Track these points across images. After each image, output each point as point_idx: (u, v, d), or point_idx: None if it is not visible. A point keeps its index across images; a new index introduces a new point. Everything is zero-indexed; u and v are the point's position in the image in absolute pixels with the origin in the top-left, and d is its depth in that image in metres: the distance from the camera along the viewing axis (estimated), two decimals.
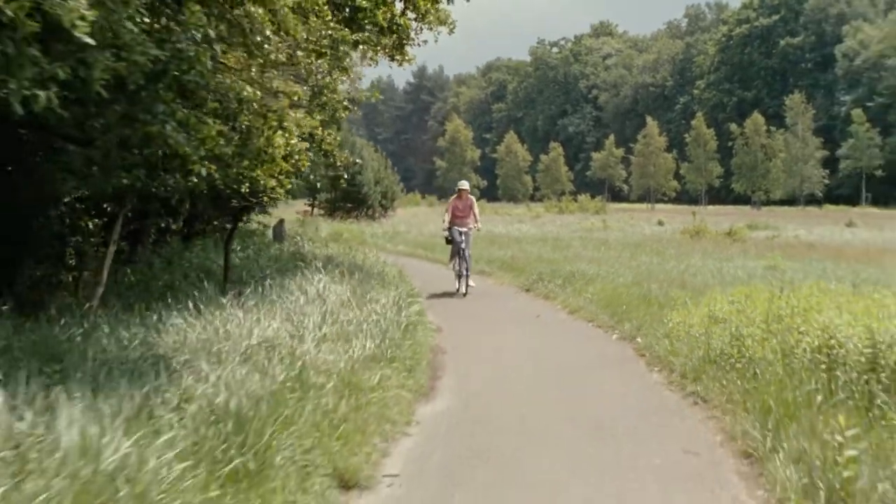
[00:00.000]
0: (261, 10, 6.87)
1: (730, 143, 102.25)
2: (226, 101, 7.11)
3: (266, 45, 7.08)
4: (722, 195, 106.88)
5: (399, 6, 14.48)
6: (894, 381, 5.94)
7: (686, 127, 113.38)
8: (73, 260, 11.20)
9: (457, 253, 16.35)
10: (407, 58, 15.42)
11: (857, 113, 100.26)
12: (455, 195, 17.10)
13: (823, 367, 6.50)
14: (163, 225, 15.02)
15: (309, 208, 48.48)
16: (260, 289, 10.63)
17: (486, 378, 9.06)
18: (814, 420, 5.70)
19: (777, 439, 5.82)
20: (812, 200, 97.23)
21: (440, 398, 8.06)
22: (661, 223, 49.82)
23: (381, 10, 13.08)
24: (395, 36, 14.39)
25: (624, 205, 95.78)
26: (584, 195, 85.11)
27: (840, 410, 5.65)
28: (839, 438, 5.09)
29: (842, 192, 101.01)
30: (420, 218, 49.39)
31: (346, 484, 5.50)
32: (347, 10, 12.72)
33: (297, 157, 9.54)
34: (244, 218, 15.20)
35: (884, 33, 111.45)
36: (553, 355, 10.42)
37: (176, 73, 6.06)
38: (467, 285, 16.28)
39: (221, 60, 6.91)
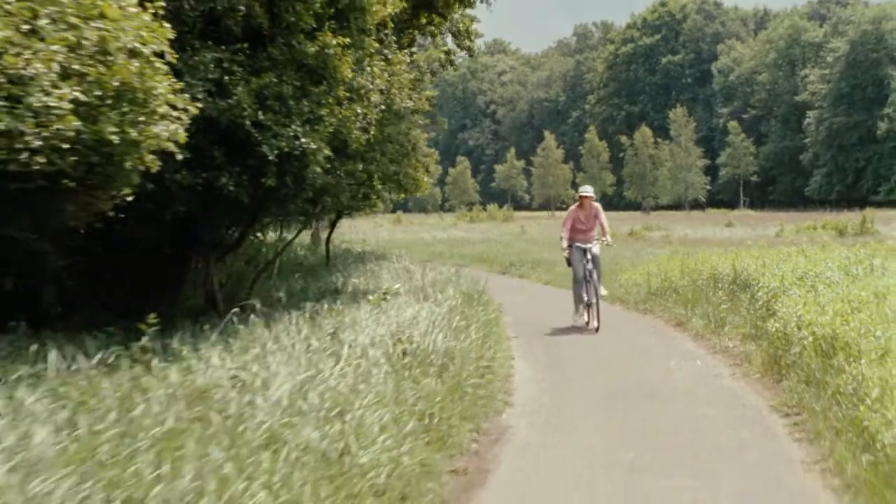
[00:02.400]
0: None
1: (621, 154, 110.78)
2: None
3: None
4: (615, 202, 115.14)
5: None
6: (739, 283, 12.80)
7: (580, 139, 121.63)
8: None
9: (582, 279, 13.27)
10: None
11: (733, 125, 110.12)
12: (576, 204, 13.90)
13: (711, 282, 13.44)
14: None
15: None
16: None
17: (518, 308, 15.58)
18: (707, 301, 12.58)
19: (692, 313, 12.65)
20: (696, 205, 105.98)
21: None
22: None
23: None
24: None
25: (527, 213, 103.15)
26: (491, 205, 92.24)
27: (719, 296, 12.52)
28: (721, 305, 11.93)
29: (722, 197, 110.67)
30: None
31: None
32: None
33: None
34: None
35: (754, 52, 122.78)
36: (543, 303, 17.03)
37: None
38: (598, 317, 13.15)
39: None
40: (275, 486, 4.37)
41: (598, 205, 13.83)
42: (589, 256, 13.30)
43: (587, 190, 14.19)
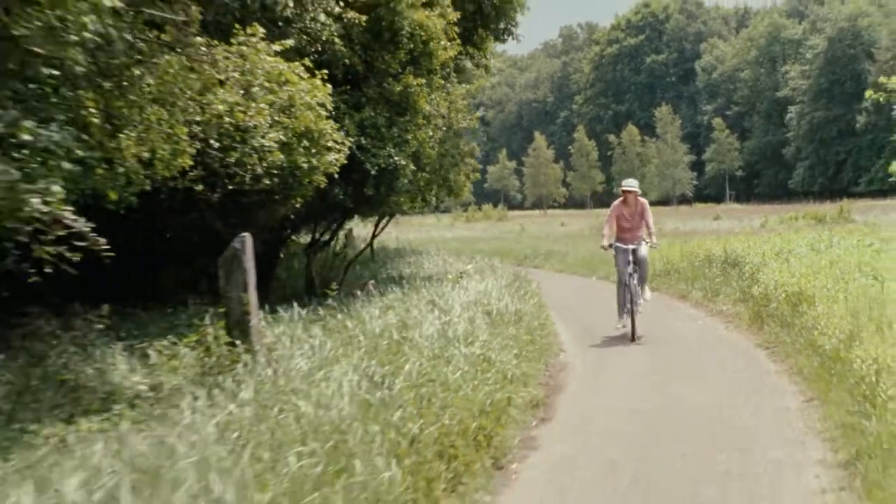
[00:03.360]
0: None
1: (609, 153, 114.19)
2: None
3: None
4: (605, 199, 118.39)
5: None
6: (729, 262, 15.81)
7: (569, 139, 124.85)
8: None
9: (623, 282, 12.16)
10: None
11: (717, 121, 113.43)
12: (619, 200, 12.66)
13: (706, 262, 16.48)
14: None
15: None
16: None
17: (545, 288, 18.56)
18: (704, 277, 15.61)
19: (692, 287, 15.68)
20: (684, 200, 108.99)
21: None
22: (563, 224, 60.36)
23: None
24: None
25: (520, 212, 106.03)
26: (486, 205, 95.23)
27: (713, 273, 15.55)
28: (715, 279, 14.97)
29: (709, 192, 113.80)
30: None
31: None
32: None
33: None
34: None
35: (736, 49, 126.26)
36: (560, 284, 20.02)
37: None
38: (640, 301, 12.23)
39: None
40: (453, 381, 7.26)
41: (644, 201, 12.56)
42: (631, 259, 12.12)
43: (631, 184, 12.65)
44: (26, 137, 5.33)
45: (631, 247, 12.22)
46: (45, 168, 5.57)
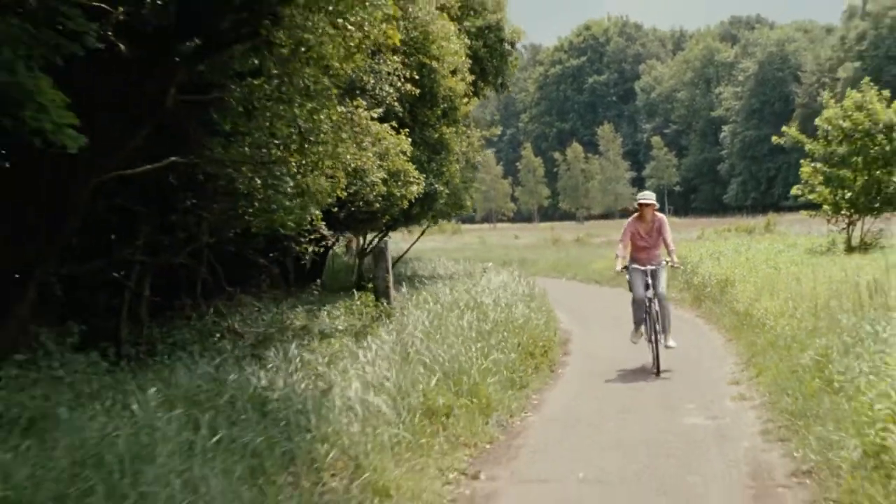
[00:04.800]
0: None
1: (555, 169, 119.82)
2: None
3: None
4: (550, 212, 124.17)
5: None
6: None
7: (516, 155, 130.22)
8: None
9: (642, 308, 11.08)
10: None
11: (656, 140, 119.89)
12: (634, 216, 11.52)
13: None
14: None
15: None
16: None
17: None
18: None
19: None
20: (625, 214, 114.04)
21: None
22: (517, 237, 65.52)
23: None
24: None
25: (471, 226, 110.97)
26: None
27: None
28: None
29: None
30: None
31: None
32: None
33: None
34: None
35: (673, 71, 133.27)
36: (547, 283, 24.79)
37: None
38: (662, 348, 10.77)
39: None
40: (519, 325, 11.85)
41: (662, 216, 11.39)
42: (650, 281, 10.93)
43: (647, 196, 11.51)
44: (309, 184, 9.90)
45: (648, 268, 11.02)
46: (308, 200, 10.14)
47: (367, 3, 9.12)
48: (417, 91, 16.03)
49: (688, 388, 9.64)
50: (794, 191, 21.93)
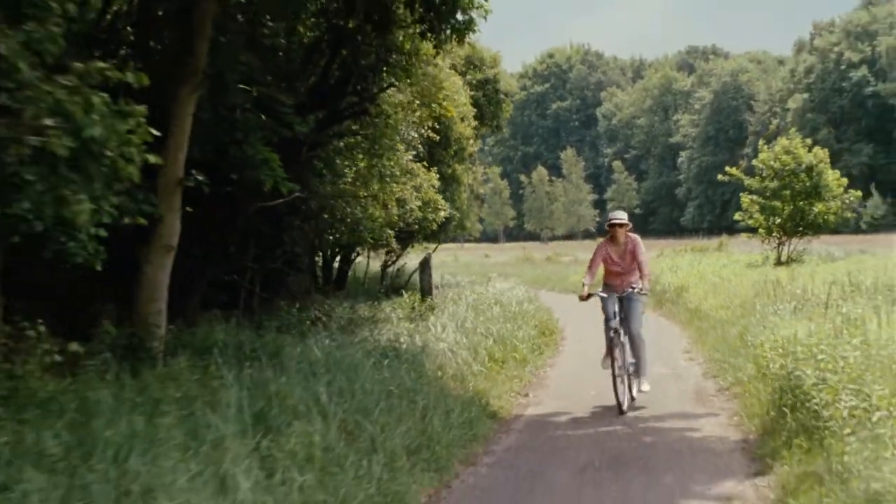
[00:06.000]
0: None
1: (520, 191, 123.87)
2: None
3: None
4: (515, 233, 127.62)
5: None
6: None
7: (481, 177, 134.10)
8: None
9: (611, 339, 9.97)
10: None
11: (617, 164, 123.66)
12: (605, 238, 10.71)
13: None
14: None
15: None
16: None
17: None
18: None
19: None
20: (588, 235, 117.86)
21: None
22: (487, 256, 69.80)
23: None
24: None
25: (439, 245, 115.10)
26: None
27: None
28: None
29: None
30: None
31: None
32: None
33: None
34: None
35: (633, 98, 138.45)
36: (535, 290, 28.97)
37: None
38: (636, 391, 10.14)
39: None
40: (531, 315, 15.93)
41: (636, 237, 10.50)
42: (618, 308, 10.02)
43: (618, 216, 10.60)
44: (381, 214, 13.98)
45: (621, 294, 10.10)
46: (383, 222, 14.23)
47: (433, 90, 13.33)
48: (437, 137, 20.13)
49: (655, 356, 13.79)
50: (737, 216, 26.45)
